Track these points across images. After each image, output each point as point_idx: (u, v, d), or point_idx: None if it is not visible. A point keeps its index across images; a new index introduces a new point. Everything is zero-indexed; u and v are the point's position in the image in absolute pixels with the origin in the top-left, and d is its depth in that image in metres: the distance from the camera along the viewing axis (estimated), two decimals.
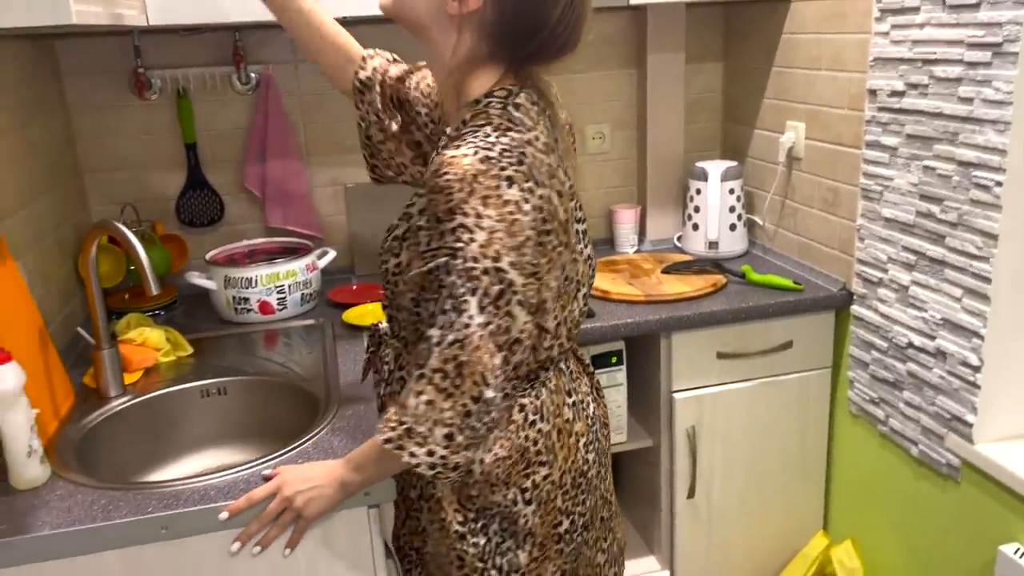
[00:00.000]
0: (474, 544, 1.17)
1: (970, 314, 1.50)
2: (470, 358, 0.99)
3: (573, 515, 1.21)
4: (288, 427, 1.49)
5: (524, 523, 1.16)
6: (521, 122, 1.05)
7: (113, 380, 1.49)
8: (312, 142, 2.12)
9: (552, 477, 1.17)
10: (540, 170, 1.04)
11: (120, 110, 2.00)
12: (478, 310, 0.99)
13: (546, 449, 1.16)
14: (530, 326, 1.05)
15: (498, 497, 1.15)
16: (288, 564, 1.19)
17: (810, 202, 1.98)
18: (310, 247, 1.97)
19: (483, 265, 0.98)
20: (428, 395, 1.01)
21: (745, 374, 1.89)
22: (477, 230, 0.98)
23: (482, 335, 0.99)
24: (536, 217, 1.02)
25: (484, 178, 0.98)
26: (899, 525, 1.78)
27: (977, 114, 1.43)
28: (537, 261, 1.03)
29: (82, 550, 1.10)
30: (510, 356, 1.03)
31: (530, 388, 1.16)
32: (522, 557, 1.17)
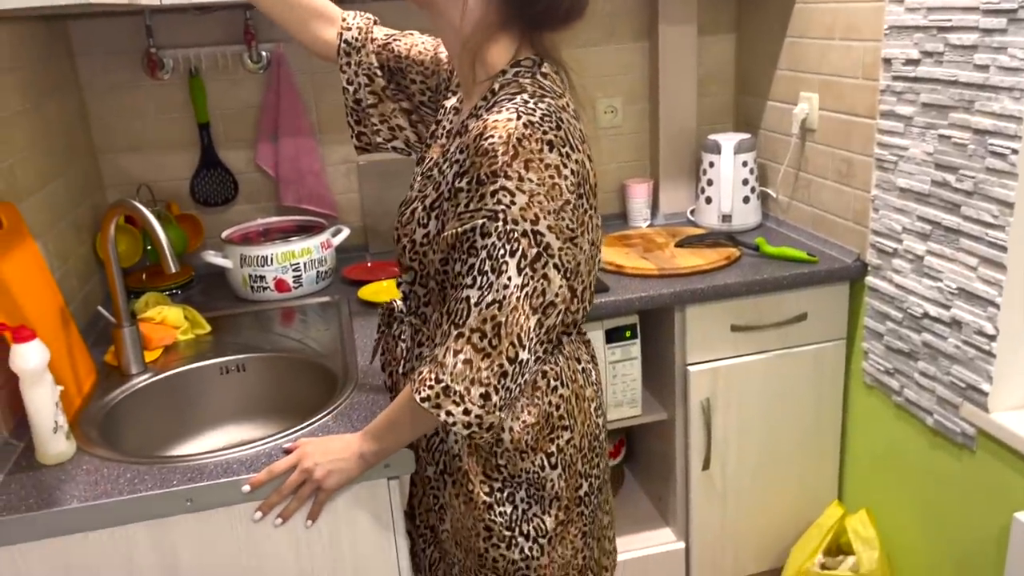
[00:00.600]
0: (501, 513, 1.18)
1: (985, 283, 1.49)
2: (508, 319, 1.01)
3: (591, 478, 1.24)
4: (307, 402, 1.51)
5: (551, 488, 1.18)
6: (552, 90, 1.08)
7: (134, 358, 1.51)
8: (324, 120, 2.12)
9: (574, 441, 1.19)
10: (574, 135, 1.07)
11: (133, 90, 2.00)
12: (516, 272, 1.01)
13: (567, 414, 1.18)
14: (564, 289, 1.07)
15: (527, 464, 1.17)
16: (310, 535, 1.21)
17: (824, 173, 1.97)
18: (324, 225, 1.98)
19: (522, 227, 1.00)
20: (466, 354, 1.02)
21: (760, 346, 1.89)
22: (519, 193, 1.00)
23: (519, 296, 1.01)
24: (573, 181, 1.05)
25: (528, 142, 1.00)
26: (914, 494, 1.79)
27: (993, 81, 1.42)
28: (574, 225, 1.06)
29: (109, 523, 1.13)
30: (544, 319, 1.06)
31: (549, 355, 1.18)
32: (548, 522, 1.19)
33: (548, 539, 1.20)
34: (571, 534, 1.22)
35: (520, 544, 1.19)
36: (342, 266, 2.05)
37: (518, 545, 1.19)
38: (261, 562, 1.21)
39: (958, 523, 1.66)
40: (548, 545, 1.20)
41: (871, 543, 1.84)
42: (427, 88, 1.33)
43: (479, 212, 1.02)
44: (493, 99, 1.07)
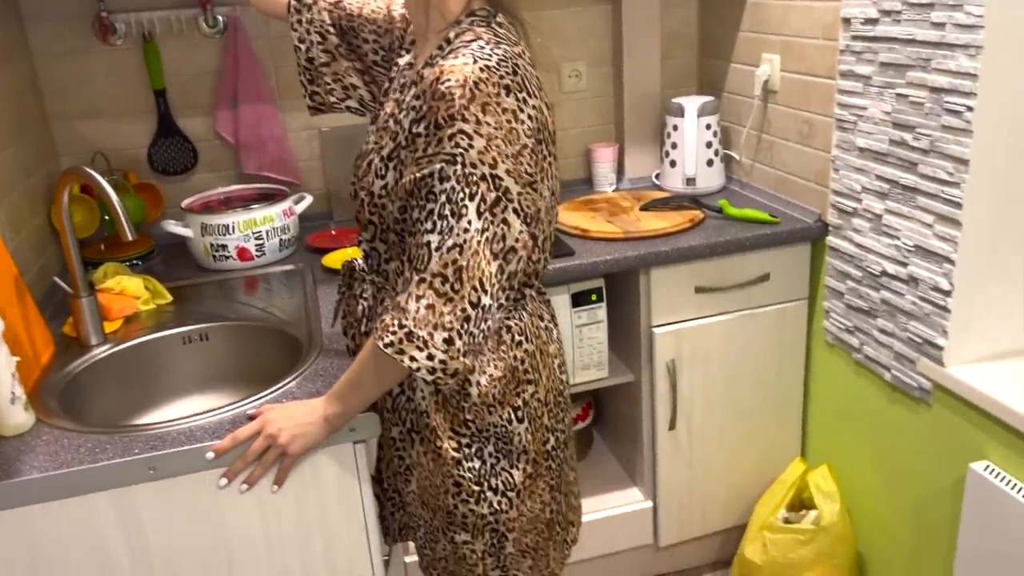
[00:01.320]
0: (470, 469, 1.19)
1: (941, 240, 1.52)
2: (469, 262, 1.02)
3: (557, 432, 1.25)
4: (271, 370, 1.50)
5: (518, 441, 1.20)
6: (507, 37, 1.08)
7: (93, 329, 1.49)
8: (284, 86, 2.09)
9: (539, 395, 1.21)
10: (531, 82, 1.07)
11: (85, 56, 1.95)
12: (476, 215, 1.01)
13: (532, 368, 1.20)
14: (525, 235, 1.07)
15: (495, 418, 1.18)
16: (276, 500, 1.21)
17: (786, 135, 1.99)
18: (286, 193, 1.96)
19: (481, 171, 1.01)
20: (428, 299, 1.02)
21: (723, 307, 1.92)
22: (476, 136, 1.00)
23: (479, 240, 1.02)
24: (531, 126, 1.05)
25: (484, 85, 1.01)
26: (873, 448, 1.83)
27: (949, 39, 1.43)
28: (533, 170, 1.06)
29: (71, 492, 1.12)
30: (505, 265, 1.06)
31: (513, 311, 1.19)
32: (517, 476, 1.20)
33: (516, 493, 1.21)
34: (539, 488, 1.24)
35: (489, 498, 1.20)
36: (306, 234, 2.03)
37: (487, 499, 1.20)
38: (227, 529, 1.20)
39: (915, 475, 1.71)
40: (517, 499, 1.21)
41: (832, 497, 1.89)
42: (380, 47, 1.31)
43: (437, 156, 1.02)
44: (449, 47, 1.07)
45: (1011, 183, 1.47)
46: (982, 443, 1.52)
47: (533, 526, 1.25)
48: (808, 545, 1.84)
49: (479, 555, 1.25)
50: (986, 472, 1.46)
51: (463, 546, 1.25)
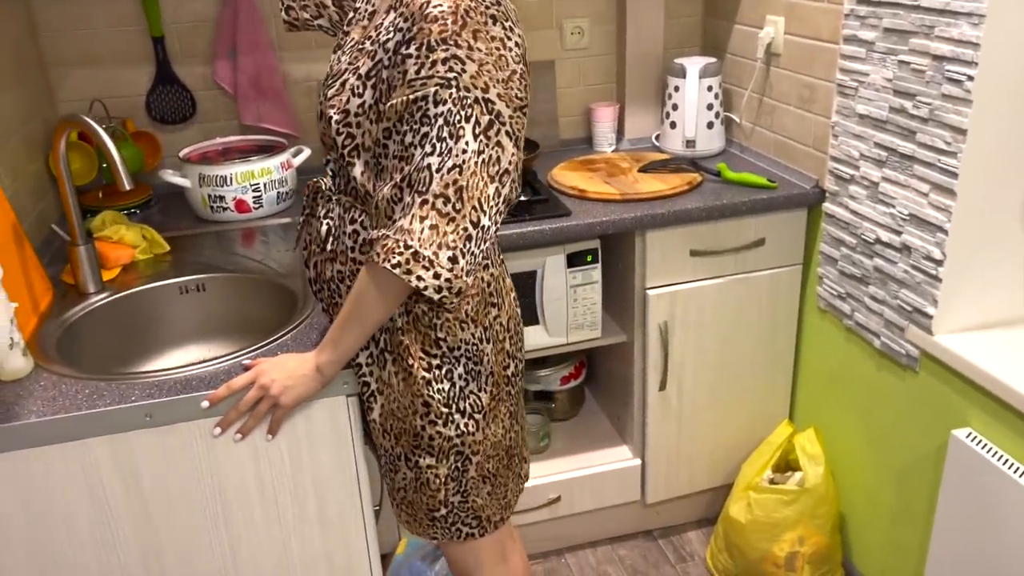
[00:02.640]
0: (439, 390, 1.21)
1: (936, 209, 1.53)
2: (469, 183, 1.04)
3: (516, 360, 1.31)
4: (267, 322, 1.52)
5: (487, 362, 1.23)
6: None
7: (91, 276, 1.50)
8: (284, 36, 2.07)
9: (501, 319, 1.26)
10: (513, 15, 1.11)
11: (83, 2, 1.93)
12: (472, 137, 1.03)
13: (496, 292, 1.25)
14: (516, 157, 1.09)
15: (467, 335, 1.21)
16: (270, 450, 1.24)
17: (787, 99, 1.98)
18: (285, 145, 1.96)
19: (474, 95, 1.03)
20: (431, 220, 1.04)
21: (718, 271, 1.93)
22: (468, 61, 1.03)
23: (477, 162, 1.04)
24: (519, 53, 1.09)
25: (474, 13, 1.04)
26: (859, 413, 1.86)
27: (953, 6, 1.42)
28: (522, 95, 1.09)
29: (68, 436, 1.14)
30: (500, 188, 1.08)
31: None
32: (484, 398, 1.24)
33: (483, 415, 1.25)
34: (501, 413, 1.29)
35: (456, 420, 1.23)
36: (303, 187, 2.03)
37: (454, 422, 1.23)
38: (221, 477, 1.23)
39: (899, 440, 1.74)
40: (483, 421, 1.25)
41: (817, 459, 1.92)
42: None
43: (431, 79, 1.02)
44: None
45: (1007, 155, 1.47)
46: (965, 410, 1.54)
47: (496, 451, 1.30)
48: (791, 505, 1.88)
49: (442, 479, 1.27)
50: (968, 439, 1.49)
51: (427, 470, 1.26)
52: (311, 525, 1.31)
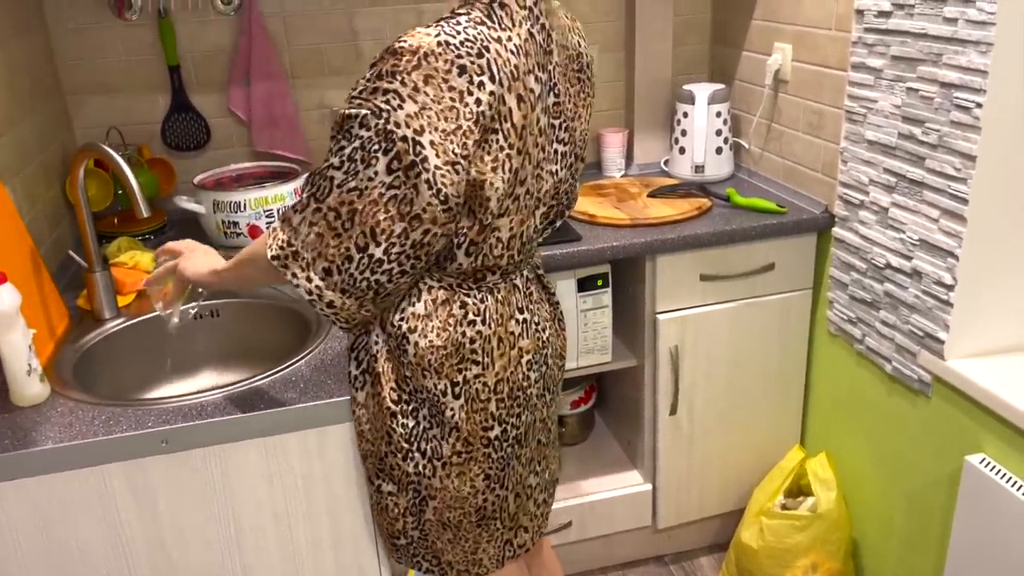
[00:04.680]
0: (403, 424, 1.21)
1: (946, 234, 1.53)
2: (364, 208, 1.04)
3: (506, 425, 1.25)
4: (281, 348, 1.53)
5: (451, 416, 1.20)
6: (499, 20, 1.08)
7: (107, 302, 1.51)
8: (297, 64, 2.10)
9: (485, 379, 1.21)
10: (503, 69, 1.06)
11: (100, 31, 1.97)
12: (385, 170, 1.03)
13: (482, 351, 1.20)
14: (437, 211, 1.05)
15: (429, 383, 1.19)
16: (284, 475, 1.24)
17: (795, 125, 1.99)
18: (297, 171, 1.98)
19: (403, 132, 1.01)
20: (319, 228, 1.07)
21: (728, 295, 1.93)
22: (408, 101, 1.01)
23: (383, 193, 1.03)
24: (477, 112, 1.04)
25: (435, 59, 1.01)
26: (871, 438, 1.85)
27: (961, 35, 1.43)
28: (463, 153, 1.04)
29: (85, 463, 1.15)
30: (410, 230, 1.06)
31: (476, 290, 1.20)
32: (445, 448, 1.22)
33: (443, 464, 1.23)
34: (471, 471, 1.24)
35: (416, 459, 1.22)
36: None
37: (414, 459, 1.23)
38: (235, 502, 1.24)
39: (912, 466, 1.73)
40: (442, 470, 1.23)
41: (829, 484, 1.91)
42: None
43: (366, 103, 1.03)
44: (443, 16, 1.08)
45: (1017, 180, 1.47)
46: (979, 436, 1.54)
47: (459, 506, 1.26)
48: (804, 531, 1.87)
49: (401, 510, 1.27)
50: (982, 465, 1.48)
51: (387, 496, 1.27)
52: (324, 550, 1.31)
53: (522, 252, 1.22)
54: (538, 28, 1.13)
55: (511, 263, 1.21)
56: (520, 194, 1.14)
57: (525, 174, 1.13)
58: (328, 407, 1.23)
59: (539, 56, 1.12)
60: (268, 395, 1.24)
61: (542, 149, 1.16)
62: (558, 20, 1.19)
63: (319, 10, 2.06)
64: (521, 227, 1.18)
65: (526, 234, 1.20)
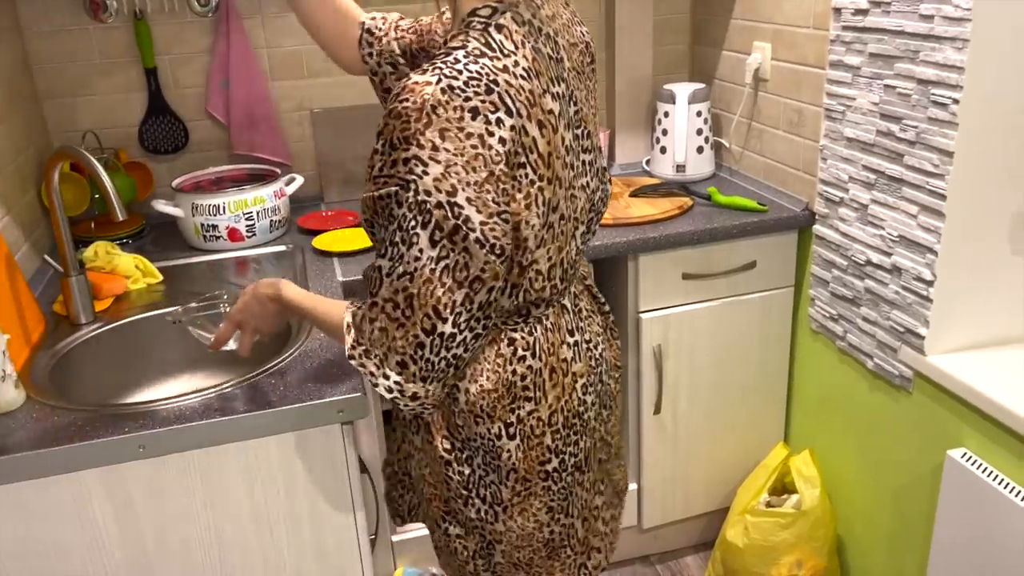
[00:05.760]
0: (459, 472, 1.17)
1: (925, 230, 1.54)
2: (420, 290, 0.98)
3: (564, 455, 1.19)
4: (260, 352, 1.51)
5: (507, 458, 1.15)
6: (500, 46, 0.99)
7: (83, 307, 1.50)
8: (276, 66, 2.08)
9: (539, 414, 1.15)
10: (517, 99, 0.98)
11: (76, 34, 1.94)
12: (429, 244, 0.96)
13: (534, 386, 1.14)
14: (494, 266, 1.00)
15: (482, 429, 1.14)
16: (265, 479, 1.23)
17: (776, 123, 2.00)
18: (277, 174, 1.97)
19: (436, 199, 0.95)
20: (381, 323, 1.01)
21: (710, 294, 1.93)
22: (432, 163, 0.94)
23: (434, 269, 0.97)
24: (503, 151, 0.96)
25: (444, 109, 0.93)
26: (854, 434, 1.86)
27: (937, 31, 1.44)
28: (504, 199, 0.98)
29: (61, 469, 1.13)
30: (472, 294, 1.00)
31: (523, 323, 1.13)
32: (504, 492, 1.17)
33: (504, 508, 1.18)
34: (533, 507, 1.19)
35: (476, 504, 1.18)
36: (297, 215, 2.03)
37: (474, 505, 1.18)
38: (215, 508, 1.22)
39: (895, 461, 1.74)
40: (504, 514, 1.18)
41: (813, 482, 1.92)
42: None
43: (392, 179, 0.96)
44: (437, 54, 0.99)
45: (994, 176, 1.48)
46: (960, 431, 1.54)
47: (527, 543, 1.21)
48: (788, 529, 1.88)
49: (470, 553, 1.23)
50: (963, 459, 1.49)
51: (456, 540, 1.23)
52: (307, 555, 1.30)
53: (565, 278, 1.14)
54: (543, 40, 1.05)
55: (555, 292, 1.13)
56: (555, 222, 1.06)
57: (558, 200, 1.05)
58: (309, 410, 1.21)
59: (552, 70, 1.04)
60: (248, 398, 1.22)
61: (571, 167, 1.08)
62: (560, 18, 1.12)
63: None
64: (560, 254, 1.10)
65: (567, 260, 1.12)
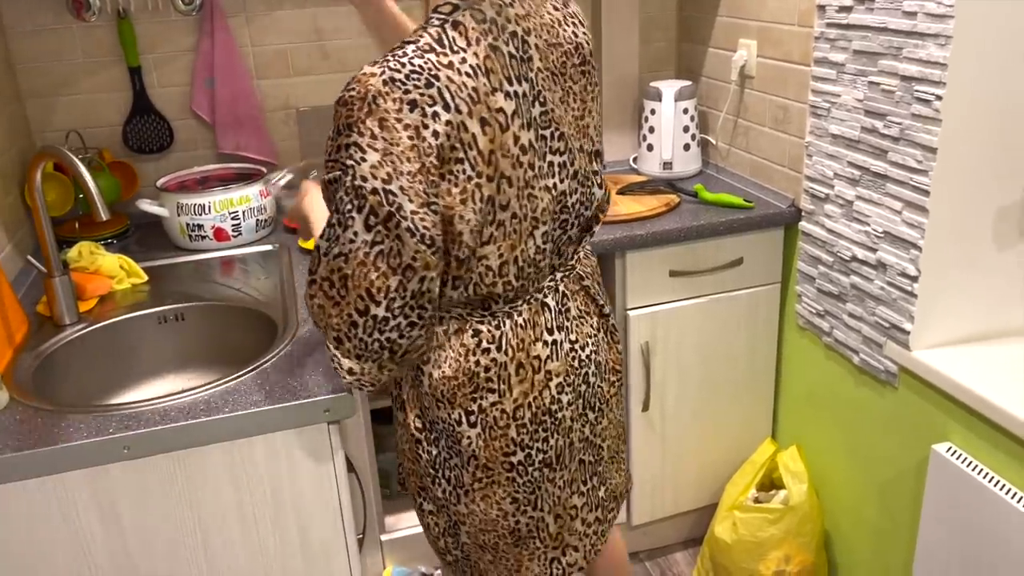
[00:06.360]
0: (427, 451, 1.23)
1: (909, 226, 1.55)
2: (354, 272, 1.02)
3: (530, 449, 1.21)
4: (247, 351, 1.51)
5: (467, 444, 1.18)
6: (452, 42, 1.02)
7: (67, 308, 1.49)
8: (261, 65, 2.07)
9: (503, 406, 1.18)
10: (458, 95, 1.00)
11: (59, 32, 1.93)
12: (364, 228, 1.01)
13: (498, 378, 1.17)
14: (426, 256, 1.03)
15: (443, 414, 1.18)
16: (251, 479, 1.22)
17: (762, 120, 2.00)
18: (263, 172, 1.96)
19: (371, 185, 0.99)
20: (319, 300, 1.07)
21: (697, 291, 1.94)
22: (370, 151, 0.98)
23: (368, 252, 1.01)
24: (435, 144, 1.00)
25: (384, 100, 0.98)
26: (841, 430, 1.87)
27: (920, 28, 1.45)
28: (433, 191, 1.01)
29: (45, 470, 1.13)
30: (406, 282, 1.03)
31: (489, 316, 1.16)
32: (466, 476, 1.21)
33: (465, 492, 1.22)
34: (496, 495, 1.22)
35: (443, 485, 1.24)
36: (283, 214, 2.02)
37: (440, 485, 1.24)
38: (201, 508, 1.22)
39: (881, 456, 1.75)
40: (466, 497, 1.22)
41: (800, 477, 1.93)
42: None
43: (336, 164, 1.02)
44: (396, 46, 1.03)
45: (977, 172, 1.49)
46: (945, 425, 1.55)
47: (491, 528, 1.24)
48: (776, 524, 1.88)
49: (440, 530, 1.30)
50: (948, 453, 1.50)
51: (428, 515, 1.30)
52: (293, 555, 1.29)
53: (523, 276, 1.15)
54: (506, 38, 1.06)
55: (510, 289, 1.15)
56: (504, 219, 1.08)
57: (507, 198, 1.07)
58: (295, 409, 1.21)
59: (512, 68, 1.06)
60: (233, 398, 1.22)
61: (529, 167, 1.09)
62: (538, 19, 1.12)
63: (282, 10, 2.04)
64: (513, 252, 1.12)
65: (523, 258, 1.13)
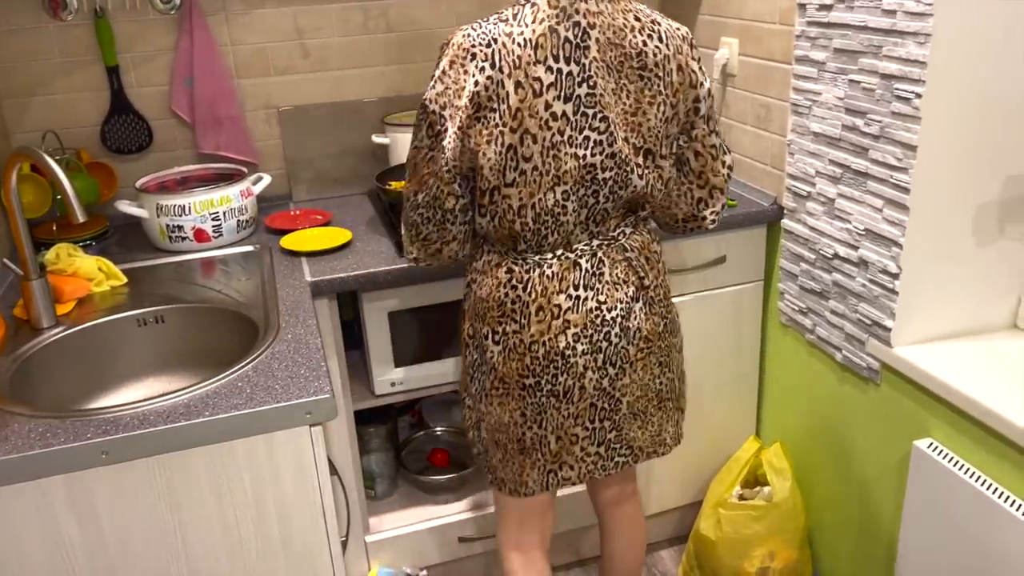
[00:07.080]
0: (470, 355, 1.48)
1: (890, 224, 1.56)
2: (416, 165, 1.36)
3: (540, 379, 1.40)
4: (228, 353, 1.50)
5: (490, 357, 1.42)
6: (522, 18, 1.27)
7: (45, 311, 1.47)
8: (241, 64, 2.06)
9: (521, 336, 1.39)
10: (507, 59, 1.25)
11: (35, 32, 1.90)
12: (426, 136, 1.33)
13: (519, 312, 1.39)
14: (444, 170, 1.33)
15: (479, 327, 1.43)
16: (233, 483, 1.21)
17: (744, 118, 2.01)
18: (244, 173, 1.94)
19: (431, 108, 1.31)
20: (408, 172, 1.40)
21: (680, 289, 1.94)
22: (438, 83, 1.30)
23: (424, 154, 1.34)
24: (475, 91, 1.26)
25: (458, 49, 1.28)
26: (824, 427, 1.88)
27: (899, 26, 1.45)
28: (469, 126, 1.28)
29: (23, 477, 1.11)
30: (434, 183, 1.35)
31: (522, 260, 1.38)
32: (488, 383, 1.44)
33: (486, 394, 1.45)
34: (509, 406, 1.43)
35: (476, 384, 1.48)
36: (264, 215, 2.01)
37: (474, 384, 1.49)
38: (182, 513, 1.21)
39: (864, 452, 1.76)
40: (486, 399, 1.45)
41: (784, 474, 1.93)
42: None
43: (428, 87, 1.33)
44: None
45: (957, 169, 1.50)
46: (926, 421, 1.56)
47: (503, 432, 1.45)
48: (761, 521, 1.89)
49: (472, 422, 1.52)
50: (929, 449, 1.51)
51: (466, 408, 1.53)
52: (276, 559, 1.28)
53: (539, 222, 1.34)
54: (567, 25, 1.27)
55: (527, 230, 1.35)
56: (527, 169, 1.30)
57: (531, 152, 1.29)
58: (276, 412, 1.20)
59: (564, 50, 1.27)
60: (214, 402, 1.21)
61: (559, 132, 1.29)
62: (609, 20, 1.30)
63: (263, 8, 2.03)
64: (532, 199, 1.32)
65: (539, 206, 1.33)
